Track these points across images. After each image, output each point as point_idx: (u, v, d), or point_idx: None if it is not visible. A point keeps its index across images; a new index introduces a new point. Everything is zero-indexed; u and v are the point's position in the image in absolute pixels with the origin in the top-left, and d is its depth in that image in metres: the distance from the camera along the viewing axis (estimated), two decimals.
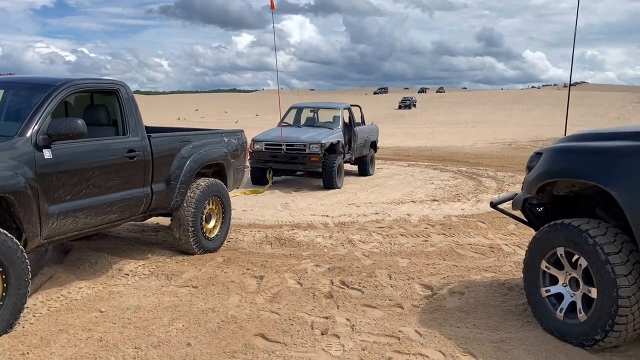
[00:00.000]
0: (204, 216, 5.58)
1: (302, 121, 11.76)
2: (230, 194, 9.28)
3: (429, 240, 6.27)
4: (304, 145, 9.80)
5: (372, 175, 12.40)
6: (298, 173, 10.56)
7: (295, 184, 10.77)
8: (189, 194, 5.36)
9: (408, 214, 7.74)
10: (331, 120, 11.40)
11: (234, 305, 4.05)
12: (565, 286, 3.53)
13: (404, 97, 72.97)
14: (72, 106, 5.16)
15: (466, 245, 6.01)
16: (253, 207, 8.24)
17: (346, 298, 4.26)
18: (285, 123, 11.34)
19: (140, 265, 4.96)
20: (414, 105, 67.66)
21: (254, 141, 10.21)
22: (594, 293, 3.25)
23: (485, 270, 5.09)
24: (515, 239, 6.29)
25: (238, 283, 4.56)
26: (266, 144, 10.09)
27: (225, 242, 5.98)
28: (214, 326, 3.64)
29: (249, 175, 10.26)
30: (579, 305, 3.38)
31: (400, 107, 66.88)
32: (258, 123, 37.77)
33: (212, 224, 5.75)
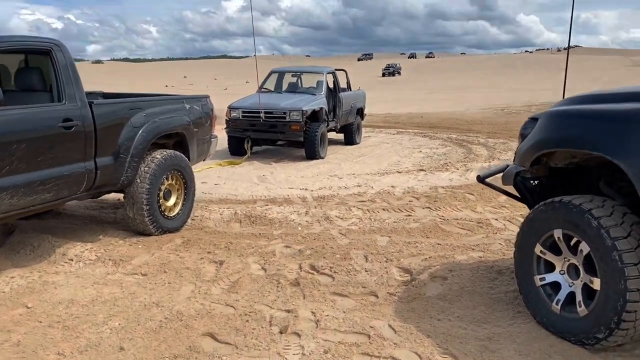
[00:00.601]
0: (162, 193, 5.03)
1: (284, 87, 11.10)
2: (204, 165, 8.75)
3: (412, 215, 5.76)
4: (284, 113, 9.18)
5: (358, 144, 11.83)
6: (279, 143, 9.97)
7: (277, 154, 10.19)
8: (142, 169, 4.79)
9: (392, 186, 7.22)
10: (314, 86, 10.75)
11: (184, 298, 3.54)
12: (563, 274, 3.03)
13: (388, 64, 69.85)
14: (6, 70, 4.54)
15: (452, 221, 5.51)
16: (227, 180, 7.69)
17: (314, 285, 3.76)
18: (265, 89, 10.68)
19: (87, 249, 4.43)
20: (399, 73, 65.24)
21: (230, 108, 9.57)
22: (596, 284, 2.76)
23: (472, 249, 4.60)
24: (506, 213, 5.80)
25: (194, 270, 4.05)
26: (243, 112, 9.45)
27: (190, 220, 5.45)
28: (155, 325, 3.14)
29: (226, 145, 9.70)
30: (579, 297, 2.90)
31: (383, 75, 64.15)
32: (248, 90, 36.83)
33: (172, 201, 5.20)
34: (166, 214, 5.07)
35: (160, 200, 4.99)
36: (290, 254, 4.44)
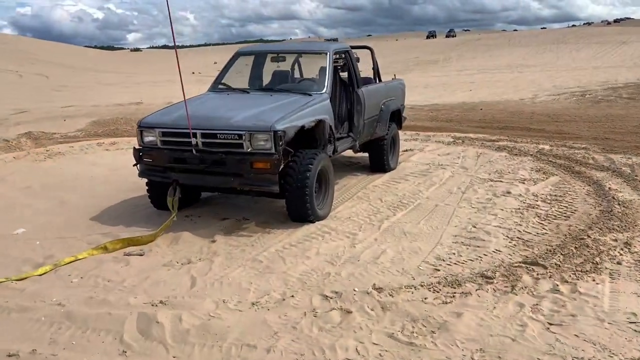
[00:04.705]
0: None
1: (265, 81, 6.40)
2: (59, 258, 4.17)
3: None
4: (238, 136, 4.52)
5: (393, 169, 7.07)
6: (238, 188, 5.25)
7: (236, 207, 5.54)
8: None
9: None
10: (313, 77, 6.07)
11: None
12: None
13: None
14: None
15: None
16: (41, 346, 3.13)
17: None
18: (224, 85, 6.00)
19: None
20: None
21: (142, 128, 4.95)
22: None
23: None
24: None
25: None
26: (164, 133, 4.83)
27: None
28: None
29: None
30: None
31: None
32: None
33: None
34: None
35: None
36: None
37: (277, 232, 4.67)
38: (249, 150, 4.51)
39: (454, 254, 4.06)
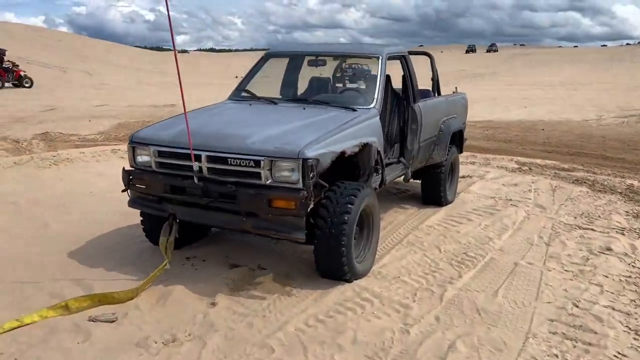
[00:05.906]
0: None
1: (301, 89, 5.22)
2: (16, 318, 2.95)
3: None
4: (254, 163, 3.34)
5: (451, 202, 5.76)
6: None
7: (257, 249, 4.35)
8: None
9: None
10: (358, 87, 4.85)
11: None
12: None
13: None
14: None
15: None
16: None
17: None
18: (247, 93, 4.83)
19: None
20: None
21: (134, 144, 3.85)
22: None
23: None
24: None
25: None
26: (160, 152, 3.69)
27: None
28: None
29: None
30: None
31: None
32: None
33: None
34: None
35: None
36: None
37: (300, 294, 3.45)
38: (268, 182, 3.31)
39: (557, 357, 2.75)
